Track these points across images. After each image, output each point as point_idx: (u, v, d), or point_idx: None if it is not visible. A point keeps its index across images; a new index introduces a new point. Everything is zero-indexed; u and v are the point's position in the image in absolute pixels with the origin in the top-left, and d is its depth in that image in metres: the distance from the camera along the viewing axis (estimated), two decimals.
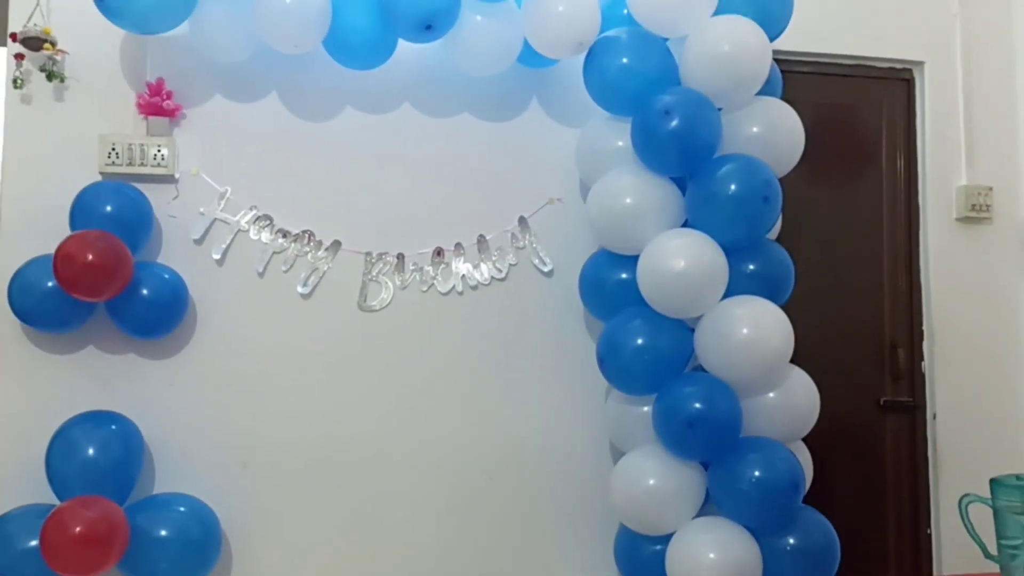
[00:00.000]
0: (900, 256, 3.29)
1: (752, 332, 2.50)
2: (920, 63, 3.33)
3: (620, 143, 2.74)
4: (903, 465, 3.25)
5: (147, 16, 2.47)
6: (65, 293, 2.43)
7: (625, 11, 2.73)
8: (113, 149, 2.68)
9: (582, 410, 2.96)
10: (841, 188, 3.28)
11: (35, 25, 2.60)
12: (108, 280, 2.43)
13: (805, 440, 2.70)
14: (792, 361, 2.61)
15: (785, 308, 2.60)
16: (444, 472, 2.89)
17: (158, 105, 2.69)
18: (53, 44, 2.60)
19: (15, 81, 2.63)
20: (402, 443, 2.87)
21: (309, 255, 2.84)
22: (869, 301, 3.26)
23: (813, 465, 2.71)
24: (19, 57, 2.62)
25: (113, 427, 2.53)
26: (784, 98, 2.80)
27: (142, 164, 2.70)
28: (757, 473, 2.47)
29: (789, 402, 2.63)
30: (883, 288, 3.27)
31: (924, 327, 3.27)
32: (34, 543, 2.35)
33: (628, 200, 2.65)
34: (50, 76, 2.63)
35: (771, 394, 2.61)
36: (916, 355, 3.27)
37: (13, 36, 2.60)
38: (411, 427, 2.88)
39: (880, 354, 3.25)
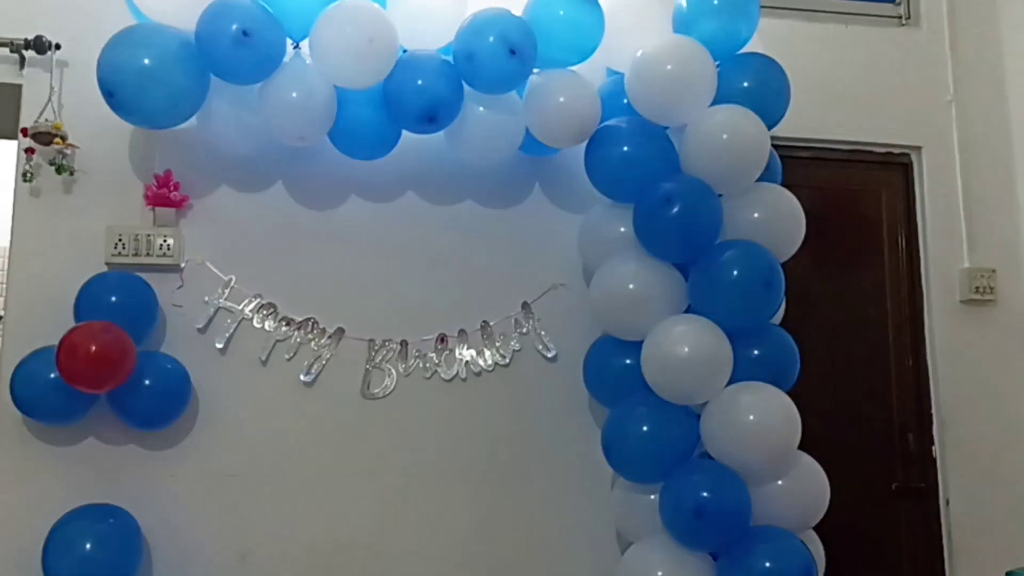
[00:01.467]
0: (906, 339, 3.28)
1: (759, 419, 2.48)
2: (918, 148, 3.38)
3: (622, 229, 2.76)
4: (918, 553, 3.17)
5: (157, 112, 2.52)
6: (67, 385, 2.42)
7: (625, 101, 2.78)
8: (120, 240, 2.70)
9: (588, 498, 2.92)
10: (844, 272, 3.28)
11: (46, 120, 2.65)
12: (111, 372, 2.42)
13: (816, 528, 2.65)
14: (800, 447, 2.57)
15: (791, 393, 2.58)
16: (448, 562, 2.83)
17: (165, 196, 2.73)
18: (63, 139, 2.65)
19: (25, 175, 2.67)
20: (405, 533, 2.82)
21: (312, 343, 2.84)
22: (876, 385, 3.24)
23: (825, 554, 2.65)
24: (29, 152, 2.66)
25: (111, 521, 2.50)
26: (784, 183, 2.83)
27: (148, 254, 2.72)
28: (768, 564, 2.41)
29: (799, 489, 2.59)
30: (890, 372, 3.25)
31: (933, 410, 3.24)
32: None
33: (631, 286, 2.66)
34: (59, 170, 2.67)
35: (780, 482, 2.57)
36: (926, 439, 3.22)
37: (24, 131, 2.65)
38: (414, 516, 2.83)
39: (890, 439, 3.21)
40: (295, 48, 2.64)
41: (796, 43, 3.22)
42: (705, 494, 2.44)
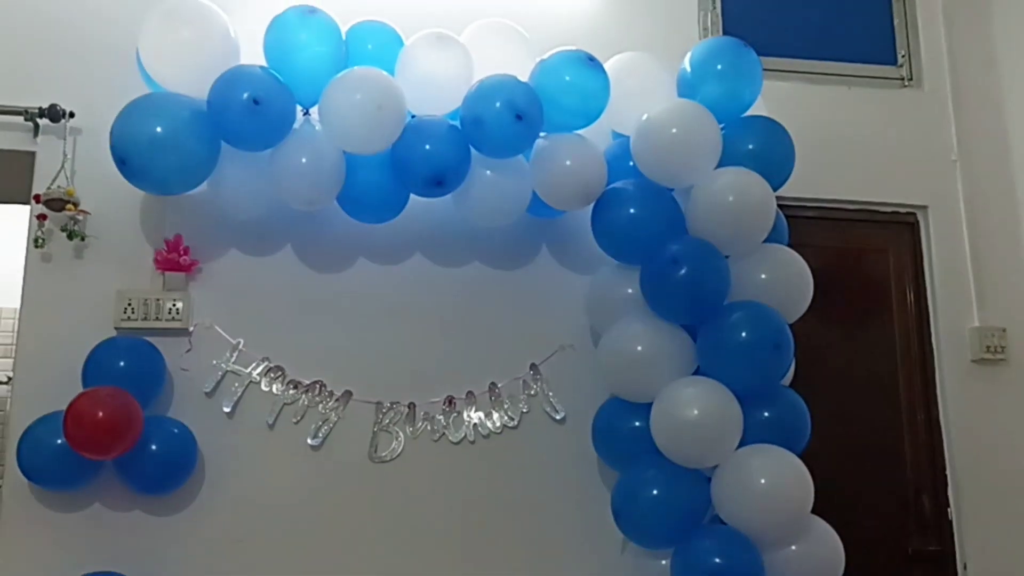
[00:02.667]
0: (917, 399, 3.25)
1: (770, 482, 2.46)
2: (924, 207, 3.39)
3: (630, 290, 2.77)
4: None
5: (168, 179, 2.56)
6: (74, 451, 2.41)
7: (631, 163, 2.80)
8: (129, 304, 2.72)
9: (598, 563, 2.87)
10: (853, 332, 3.27)
11: (59, 187, 2.68)
12: (117, 439, 2.41)
13: None
14: (813, 511, 2.53)
15: (803, 456, 2.56)
16: None
17: (175, 261, 2.75)
18: (76, 205, 2.68)
19: (36, 241, 2.69)
20: None
21: (320, 406, 2.83)
22: (889, 446, 3.20)
23: None
24: (42, 218, 2.69)
25: None
26: (790, 243, 2.84)
27: (157, 318, 2.73)
28: None
29: (813, 554, 2.55)
30: (903, 432, 3.22)
31: (947, 472, 3.19)
32: None
33: (639, 348, 2.65)
34: (71, 235, 2.69)
35: (793, 547, 2.53)
36: (942, 501, 3.17)
37: (37, 197, 2.68)
38: None
39: (905, 501, 3.16)
40: (305, 115, 2.68)
41: (800, 105, 3.26)
42: (718, 560, 2.41)
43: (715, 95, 2.77)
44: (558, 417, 2.94)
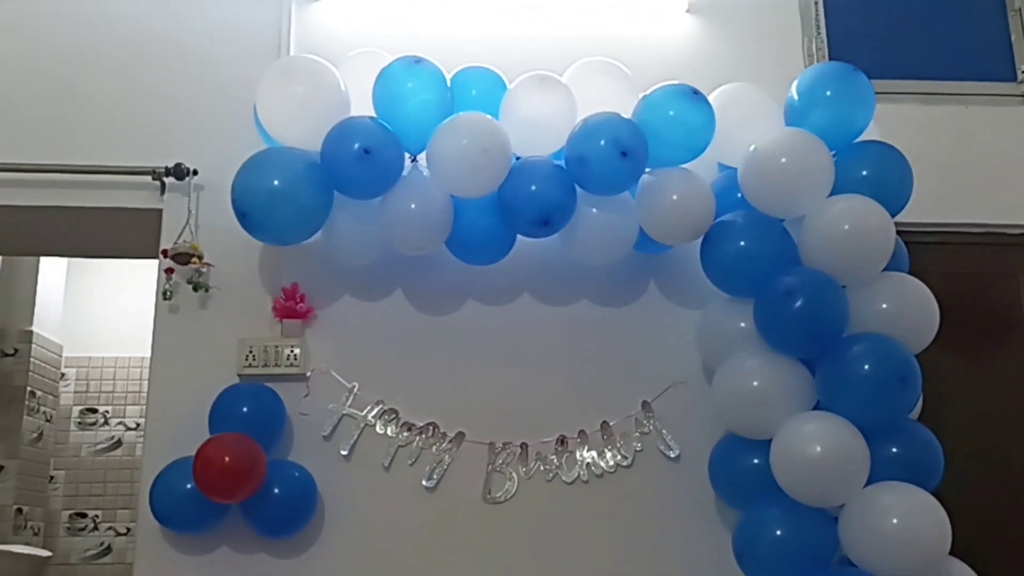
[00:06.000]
0: None
1: (904, 522, 2.34)
2: None
3: (742, 324, 2.70)
4: None
5: (286, 230, 2.65)
6: (202, 495, 2.50)
7: (739, 195, 2.76)
8: (250, 351, 2.81)
9: None
10: (983, 361, 3.10)
11: (184, 242, 2.81)
12: (243, 483, 2.49)
13: None
14: (951, 553, 2.40)
15: (936, 494, 2.43)
16: None
17: (292, 308, 2.84)
18: (200, 258, 2.80)
19: (165, 294, 2.83)
20: None
21: (434, 447, 2.85)
22: None
23: None
24: (169, 271, 2.83)
25: None
26: (911, 271, 2.72)
27: (276, 364, 2.81)
28: None
29: None
30: None
31: None
32: None
33: (755, 383, 2.58)
34: (196, 287, 2.82)
35: None
36: None
37: (164, 252, 2.82)
38: None
39: None
40: (413, 161, 2.74)
41: (915, 127, 3.14)
42: None
43: (825, 122, 2.70)
44: (672, 455, 2.88)
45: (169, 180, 2.89)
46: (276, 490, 2.60)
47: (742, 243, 2.67)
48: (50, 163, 2.89)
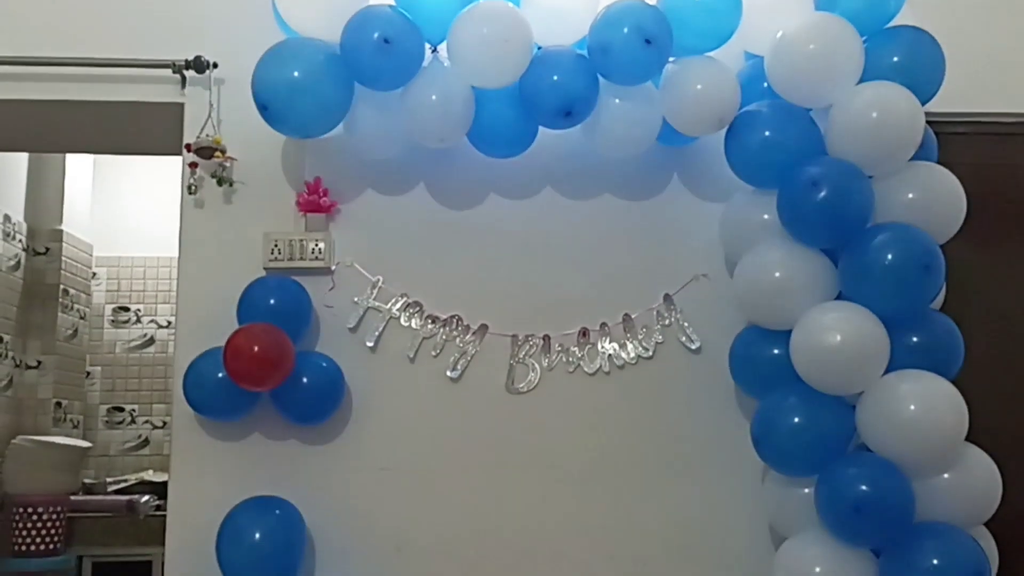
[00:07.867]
0: None
1: (921, 409, 2.36)
2: None
3: (766, 216, 2.69)
4: None
5: (307, 122, 2.64)
6: (234, 383, 2.57)
7: (765, 84, 2.70)
8: (275, 246, 2.84)
9: (739, 491, 2.85)
10: (1009, 254, 3.06)
11: (207, 135, 2.81)
12: (273, 372, 2.56)
13: (987, 525, 2.50)
14: (966, 439, 2.43)
15: (955, 382, 2.45)
16: (595, 557, 2.84)
17: (316, 203, 2.85)
18: (223, 152, 2.80)
19: (190, 188, 2.85)
20: (551, 527, 2.84)
21: (457, 339, 2.90)
22: None
23: (999, 554, 2.50)
24: (193, 166, 2.84)
25: (277, 512, 2.64)
26: (940, 161, 2.68)
27: (301, 258, 2.85)
28: (935, 562, 2.30)
29: (967, 484, 2.45)
30: None
31: None
32: None
33: (778, 274, 2.58)
34: (220, 182, 2.83)
35: (946, 475, 2.43)
36: None
37: (188, 146, 2.82)
38: (561, 512, 2.85)
39: None
40: (433, 52, 2.71)
41: (949, 11, 3.01)
42: (864, 488, 2.35)
43: (856, 6, 2.61)
44: (694, 347, 2.91)
45: (189, 73, 2.87)
46: (305, 379, 2.67)
47: (767, 133, 2.63)
48: (70, 55, 2.88)
